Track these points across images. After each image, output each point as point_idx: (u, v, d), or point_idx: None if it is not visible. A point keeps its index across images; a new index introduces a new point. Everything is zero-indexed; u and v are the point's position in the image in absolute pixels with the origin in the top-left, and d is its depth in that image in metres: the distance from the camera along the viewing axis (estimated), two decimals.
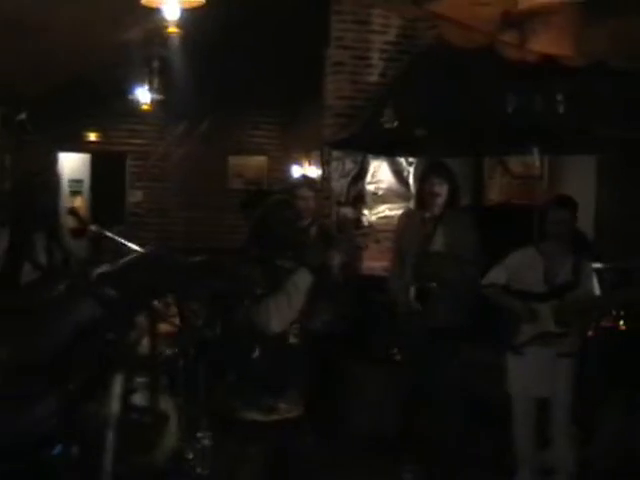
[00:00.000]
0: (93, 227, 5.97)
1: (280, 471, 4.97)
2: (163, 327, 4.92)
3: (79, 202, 6.03)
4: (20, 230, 5.49)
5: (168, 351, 6.22)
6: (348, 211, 9.44)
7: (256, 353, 4.79)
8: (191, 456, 5.89)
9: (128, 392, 3.16)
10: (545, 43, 5.21)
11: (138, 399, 5.20)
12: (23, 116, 11.52)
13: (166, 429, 5.68)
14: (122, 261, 3.23)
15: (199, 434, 5.95)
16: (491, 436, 7.04)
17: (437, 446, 6.81)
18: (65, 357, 2.82)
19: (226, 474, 5.23)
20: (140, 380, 5.25)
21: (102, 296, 2.73)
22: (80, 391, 2.98)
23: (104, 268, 3.03)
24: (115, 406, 3.02)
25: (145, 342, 4.53)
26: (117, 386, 2.99)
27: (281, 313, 4.71)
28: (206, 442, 5.94)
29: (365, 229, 9.60)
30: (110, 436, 2.99)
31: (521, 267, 6.43)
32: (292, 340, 4.92)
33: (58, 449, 2.98)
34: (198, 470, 5.85)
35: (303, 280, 4.79)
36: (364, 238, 9.35)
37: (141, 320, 3.85)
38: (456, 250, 6.71)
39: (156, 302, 3.99)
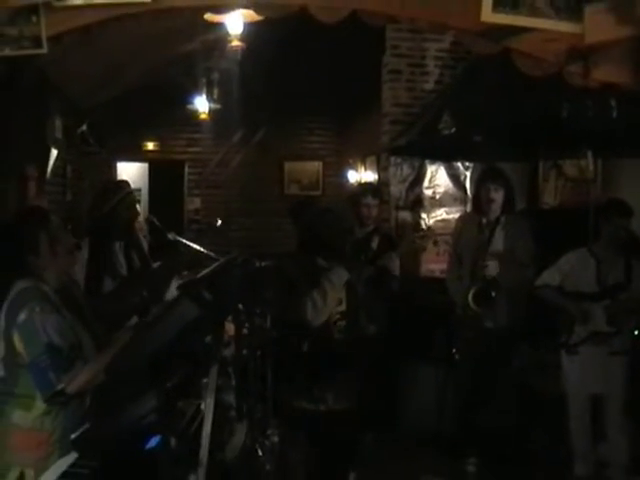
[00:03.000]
0: (170, 235, 6.08)
1: (332, 461, 5.21)
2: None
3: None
4: (100, 241, 5.77)
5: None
6: (407, 215, 9.56)
7: (305, 347, 5.13)
8: (261, 453, 6.03)
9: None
10: (607, 73, 5.43)
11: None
12: (84, 128, 11.77)
13: (237, 427, 5.80)
14: (214, 266, 3.38)
15: (269, 431, 6.07)
16: (549, 430, 7.10)
17: (497, 441, 6.97)
18: (166, 357, 2.90)
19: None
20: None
21: (200, 299, 2.81)
22: (177, 389, 3.08)
23: (201, 272, 3.13)
24: (210, 402, 3.13)
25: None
26: (213, 383, 3.10)
27: (317, 307, 5.04)
28: (275, 439, 6.06)
29: (424, 232, 9.66)
30: (207, 430, 3.09)
31: (574, 268, 6.55)
32: (337, 336, 5.23)
33: (156, 441, 3.14)
34: (267, 467, 5.96)
35: (338, 276, 5.14)
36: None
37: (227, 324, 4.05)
38: (513, 254, 6.86)
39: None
